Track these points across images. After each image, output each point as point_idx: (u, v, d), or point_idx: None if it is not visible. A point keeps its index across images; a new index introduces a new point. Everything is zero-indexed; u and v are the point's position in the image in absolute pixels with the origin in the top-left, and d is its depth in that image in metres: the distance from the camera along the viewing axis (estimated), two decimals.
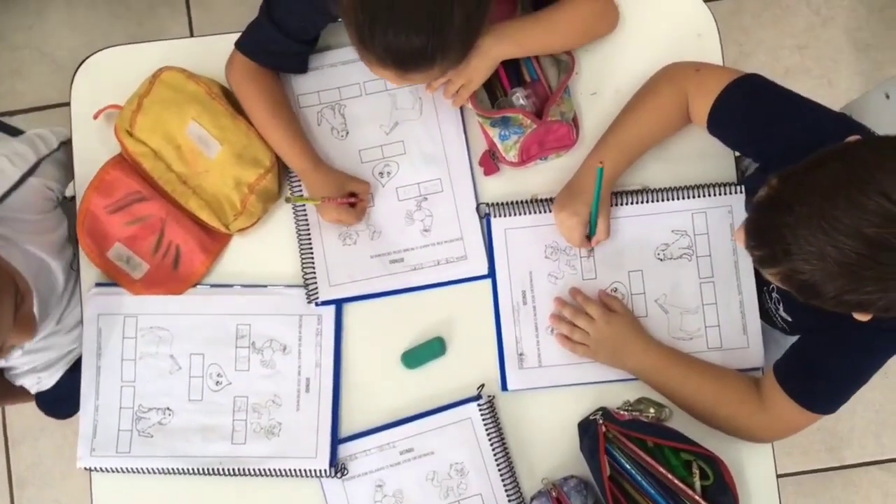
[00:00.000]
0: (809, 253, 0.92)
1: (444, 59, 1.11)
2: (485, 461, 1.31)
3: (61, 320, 1.43)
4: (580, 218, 1.28)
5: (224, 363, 1.35)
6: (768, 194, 0.98)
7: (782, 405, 1.22)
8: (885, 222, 0.88)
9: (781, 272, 0.97)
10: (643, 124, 1.29)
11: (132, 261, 1.37)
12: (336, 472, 1.32)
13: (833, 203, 0.90)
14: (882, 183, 0.88)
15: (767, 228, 0.97)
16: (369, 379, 1.36)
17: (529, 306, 1.35)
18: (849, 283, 0.92)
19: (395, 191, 1.37)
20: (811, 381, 1.20)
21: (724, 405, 1.27)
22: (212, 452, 1.33)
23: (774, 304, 1.31)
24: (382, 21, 1.06)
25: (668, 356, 1.30)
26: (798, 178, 0.95)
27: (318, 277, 1.35)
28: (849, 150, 0.95)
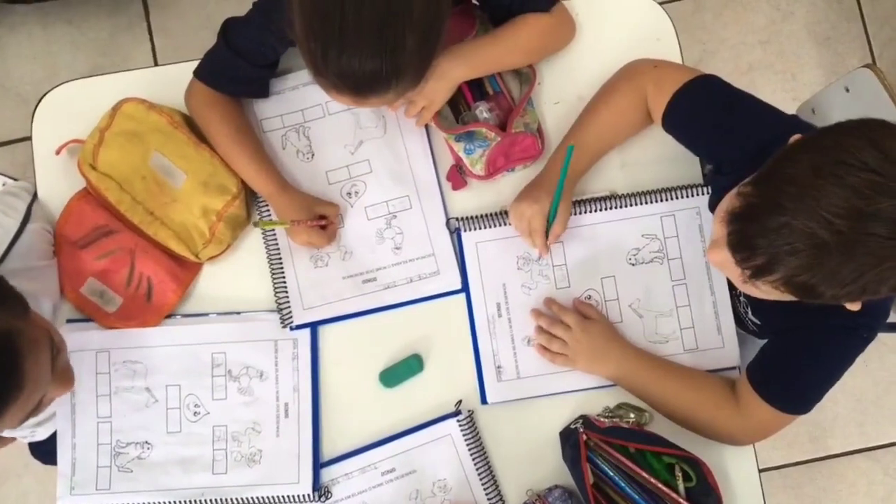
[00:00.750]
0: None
1: (400, 82, 1.11)
2: (467, 476, 1.31)
3: None
4: (540, 206, 1.26)
5: (201, 393, 1.34)
6: (748, 202, 0.97)
7: (757, 408, 1.22)
8: (874, 194, 0.88)
9: (778, 278, 0.96)
10: (603, 124, 1.30)
11: (106, 295, 1.35)
12: (320, 496, 1.31)
13: (821, 187, 0.90)
14: (860, 155, 0.89)
15: (759, 235, 0.94)
16: (348, 401, 1.35)
17: (504, 318, 1.35)
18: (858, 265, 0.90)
19: (363, 210, 1.37)
20: (784, 382, 1.21)
21: (702, 409, 1.27)
22: (193, 484, 1.32)
23: (744, 308, 1.32)
24: (334, 47, 1.06)
25: (646, 361, 1.30)
26: (774, 178, 0.95)
27: (292, 301, 1.34)
28: (813, 140, 0.95)
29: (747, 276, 0.98)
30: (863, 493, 2.29)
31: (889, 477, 2.29)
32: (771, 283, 0.97)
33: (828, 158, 0.91)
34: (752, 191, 0.97)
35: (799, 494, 2.29)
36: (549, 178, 1.29)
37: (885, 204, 0.88)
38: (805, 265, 0.92)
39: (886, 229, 0.88)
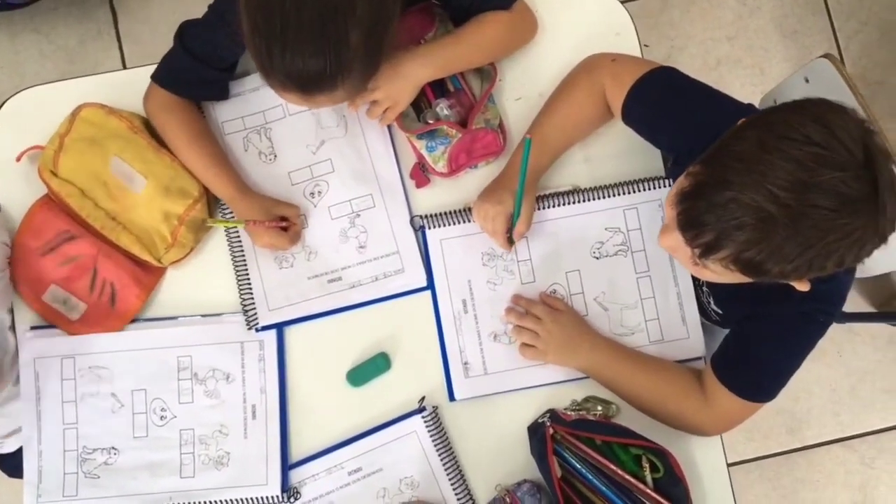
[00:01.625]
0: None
1: (346, 80, 1.11)
2: (434, 473, 1.31)
3: (18, 381, 1.39)
4: (503, 207, 1.27)
5: (167, 397, 1.33)
6: (696, 181, 0.98)
7: (723, 398, 1.23)
8: (829, 168, 0.89)
9: (725, 257, 0.97)
10: (563, 118, 1.30)
11: (69, 302, 1.35)
12: (289, 497, 1.30)
13: (767, 161, 0.91)
14: (804, 130, 0.90)
15: (707, 211, 0.95)
16: (316, 401, 1.35)
17: (471, 315, 1.35)
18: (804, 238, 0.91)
19: (327, 210, 1.37)
20: (746, 371, 1.22)
21: (670, 400, 1.28)
22: (161, 488, 1.31)
23: (706, 298, 1.33)
24: (277, 45, 1.06)
25: (616, 351, 1.31)
26: (721, 156, 0.97)
27: (257, 303, 1.34)
28: (759, 118, 0.97)
29: (697, 256, 1.00)
30: (840, 483, 2.30)
31: (865, 466, 2.31)
32: (720, 261, 0.98)
33: (773, 134, 0.93)
34: (700, 169, 0.98)
35: (777, 486, 2.30)
36: (510, 176, 1.30)
37: (828, 176, 0.89)
38: (752, 239, 0.93)
39: (829, 201, 0.89)
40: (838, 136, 0.90)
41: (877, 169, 0.90)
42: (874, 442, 2.31)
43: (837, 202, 0.89)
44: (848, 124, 0.91)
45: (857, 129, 0.91)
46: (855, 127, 0.92)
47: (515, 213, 1.28)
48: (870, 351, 2.34)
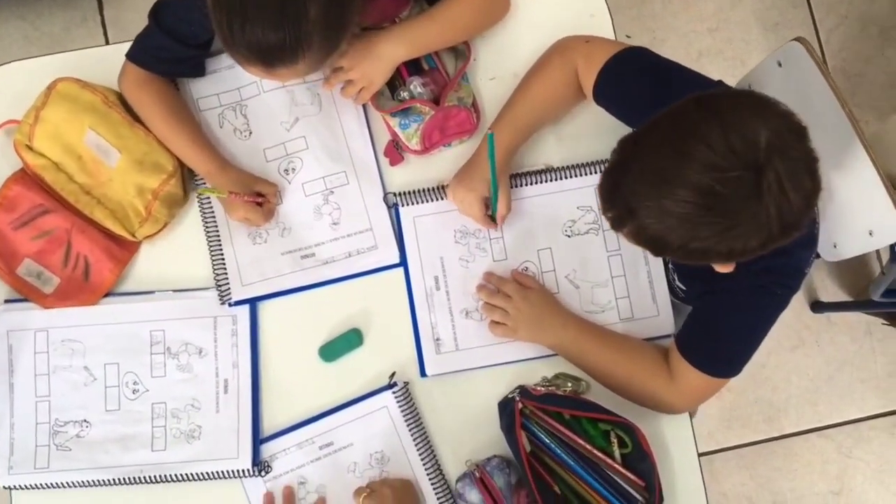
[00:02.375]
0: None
1: (307, 53, 1.11)
2: (405, 448, 1.32)
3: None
4: (476, 193, 1.30)
5: (140, 371, 1.34)
6: (612, 159, 1.03)
7: (688, 374, 1.24)
8: (708, 169, 0.91)
9: (630, 230, 1.01)
10: (535, 98, 1.32)
11: (43, 276, 1.35)
12: (259, 471, 1.31)
13: (663, 157, 0.95)
14: (703, 133, 0.92)
15: (612, 190, 1.01)
16: (288, 376, 1.36)
17: (443, 291, 1.36)
18: (688, 232, 0.95)
19: (301, 186, 1.38)
20: (708, 346, 1.23)
21: (637, 377, 1.29)
22: (132, 461, 1.32)
23: (672, 274, 1.34)
24: (237, 18, 1.07)
25: (585, 329, 1.32)
26: (633, 140, 1.01)
27: (230, 278, 1.35)
28: (677, 109, 0.98)
29: (611, 228, 1.04)
30: (817, 472, 2.32)
31: (843, 455, 2.32)
32: (626, 236, 1.03)
33: (678, 128, 0.96)
34: (616, 148, 1.02)
35: (754, 475, 2.32)
36: (479, 163, 1.32)
37: (707, 175, 0.91)
38: (643, 225, 0.98)
39: (704, 199, 0.92)
40: (729, 138, 0.91)
41: (765, 171, 0.90)
42: (851, 431, 2.33)
43: (713, 200, 0.92)
44: (751, 123, 0.92)
45: (763, 128, 0.92)
46: (761, 125, 0.92)
47: (493, 199, 1.29)
48: (847, 341, 2.36)
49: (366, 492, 1.25)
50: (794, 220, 0.95)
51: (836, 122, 1.39)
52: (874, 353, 2.34)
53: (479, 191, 1.30)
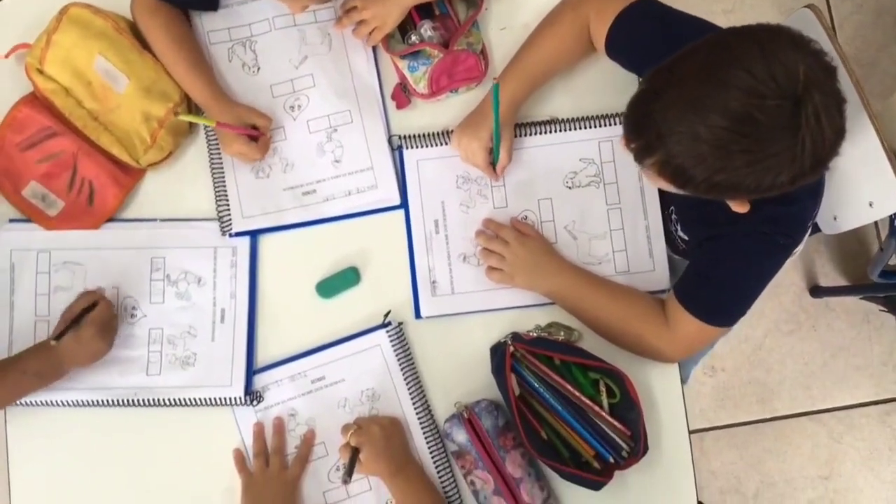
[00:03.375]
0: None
1: None
2: (396, 387, 1.33)
3: None
4: (481, 142, 1.31)
5: (139, 296, 1.35)
6: (640, 89, 1.02)
7: (684, 322, 1.25)
8: (748, 96, 0.91)
9: (657, 160, 1.00)
10: (544, 50, 1.32)
11: (48, 198, 1.37)
12: (251, 400, 1.32)
13: (700, 83, 0.94)
14: (744, 60, 0.92)
15: (641, 118, 1.00)
16: (284, 310, 1.37)
17: (442, 235, 1.37)
18: (719, 161, 0.95)
19: (306, 124, 1.39)
20: (708, 294, 1.24)
21: (632, 325, 1.30)
22: (127, 384, 1.33)
23: (674, 225, 1.35)
24: None
25: (581, 277, 1.33)
26: (667, 68, 1.00)
27: (232, 209, 1.36)
28: (715, 38, 0.99)
29: (634, 160, 1.04)
30: (807, 456, 2.33)
31: (833, 441, 2.33)
32: (651, 168, 1.02)
33: (715, 56, 0.95)
34: (648, 77, 1.02)
35: (744, 454, 2.33)
36: (485, 112, 1.32)
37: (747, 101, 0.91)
38: (674, 152, 0.97)
39: (743, 127, 0.92)
40: (771, 66, 0.91)
41: (805, 103, 0.91)
42: (843, 417, 2.34)
43: (750, 128, 0.92)
44: (790, 55, 0.92)
45: (801, 62, 0.92)
46: (799, 58, 0.92)
47: (496, 148, 1.30)
48: (845, 327, 2.36)
49: (353, 428, 1.26)
50: (824, 156, 0.95)
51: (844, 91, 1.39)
52: (870, 340, 2.35)
53: (483, 139, 1.31)
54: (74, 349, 1.26)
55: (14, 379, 1.26)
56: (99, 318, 1.28)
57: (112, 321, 1.31)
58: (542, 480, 1.30)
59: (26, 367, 1.27)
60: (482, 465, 1.28)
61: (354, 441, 1.23)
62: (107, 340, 1.29)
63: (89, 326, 1.26)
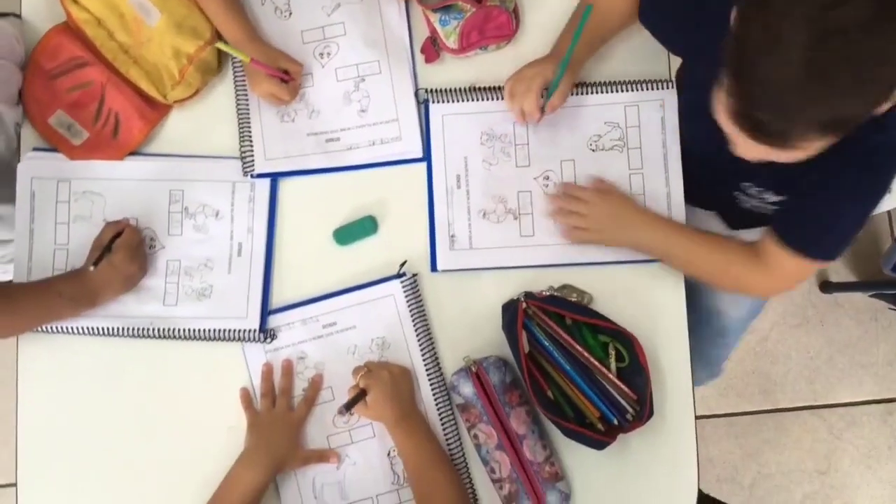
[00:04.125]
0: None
1: None
2: (406, 337, 1.34)
3: None
4: (541, 78, 1.28)
5: (157, 228, 1.36)
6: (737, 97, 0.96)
7: (783, 260, 1.23)
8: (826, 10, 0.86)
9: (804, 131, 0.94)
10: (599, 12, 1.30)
11: (73, 128, 1.38)
12: (265, 337, 1.33)
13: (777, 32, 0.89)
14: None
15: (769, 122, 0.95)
16: (300, 254, 1.38)
17: (463, 190, 1.38)
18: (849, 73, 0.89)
19: (334, 71, 1.39)
20: (812, 229, 1.21)
21: (727, 270, 1.30)
22: (144, 313, 1.34)
23: (759, 200, 1.31)
24: None
25: (669, 227, 1.33)
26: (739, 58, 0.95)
27: (255, 150, 1.37)
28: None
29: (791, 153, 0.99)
30: (806, 449, 2.33)
31: (833, 436, 2.33)
32: (806, 140, 0.97)
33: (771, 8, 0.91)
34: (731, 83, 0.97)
35: (743, 444, 2.33)
36: (558, 49, 1.32)
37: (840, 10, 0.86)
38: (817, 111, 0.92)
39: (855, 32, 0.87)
40: None
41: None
42: (844, 414, 2.34)
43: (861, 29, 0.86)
44: None
45: None
46: None
47: (554, 83, 1.28)
48: (853, 325, 2.36)
49: (364, 370, 1.27)
50: None
51: None
52: (877, 339, 2.35)
53: (546, 75, 1.28)
54: (109, 275, 1.28)
55: (50, 300, 1.28)
56: (127, 242, 1.29)
57: (140, 246, 1.33)
58: (545, 439, 1.31)
59: (62, 290, 1.28)
60: (486, 420, 1.28)
61: (363, 382, 1.24)
62: (138, 264, 1.31)
63: (119, 251, 1.28)
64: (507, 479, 1.28)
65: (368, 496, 1.31)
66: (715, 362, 1.71)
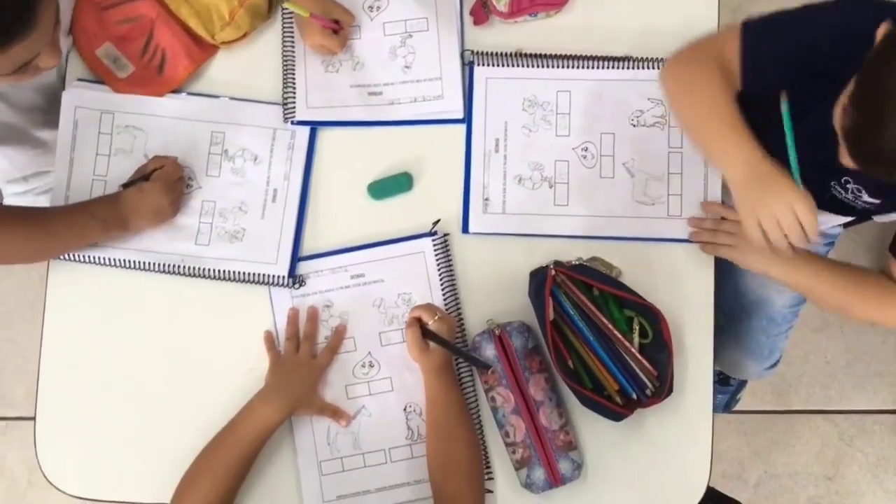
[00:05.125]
0: None
1: None
2: (432, 295, 1.34)
3: None
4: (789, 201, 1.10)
5: (196, 167, 1.37)
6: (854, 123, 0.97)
7: None
8: None
9: None
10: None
11: (119, 61, 1.38)
12: (294, 282, 1.34)
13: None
14: None
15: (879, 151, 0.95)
16: (334, 205, 1.38)
17: (500, 154, 1.38)
18: None
19: (382, 25, 1.39)
20: None
21: (865, 303, 1.28)
22: (176, 251, 1.35)
23: (853, 196, 1.28)
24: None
25: (814, 257, 1.29)
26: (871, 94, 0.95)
27: (297, 97, 1.37)
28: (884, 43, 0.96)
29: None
30: (814, 454, 2.32)
31: (843, 442, 2.32)
32: None
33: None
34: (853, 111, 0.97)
35: (751, 442, 2.32)
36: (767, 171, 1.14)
37: None
38: None
39: None
40: None
41: None
42: (857, 421, 2.33)
43: None
44: None
45: None
46: None
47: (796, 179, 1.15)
48: (873, 334, 2.34)
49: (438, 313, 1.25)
50: None
51: None
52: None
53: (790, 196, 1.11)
54: (139, 200, 1.29)
55: (82, 221, 1.29)
56: (165, 174, 1.30)
57: (178, 183, 1.33)
58: (562, 407, 1.31)
59: (94, 211, 1.30)
60: (505, 383, 1.29)
61: (435, 326, 1.24)
62: (170, 199, 1.31)
63: (155, 181, 1.29)
64: (521, 444, 1.28)
65: (381, 448, 1.32)
66: (768, 354, 1.67)
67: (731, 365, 1.73)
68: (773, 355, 1.70)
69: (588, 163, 1.37)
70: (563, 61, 1.38)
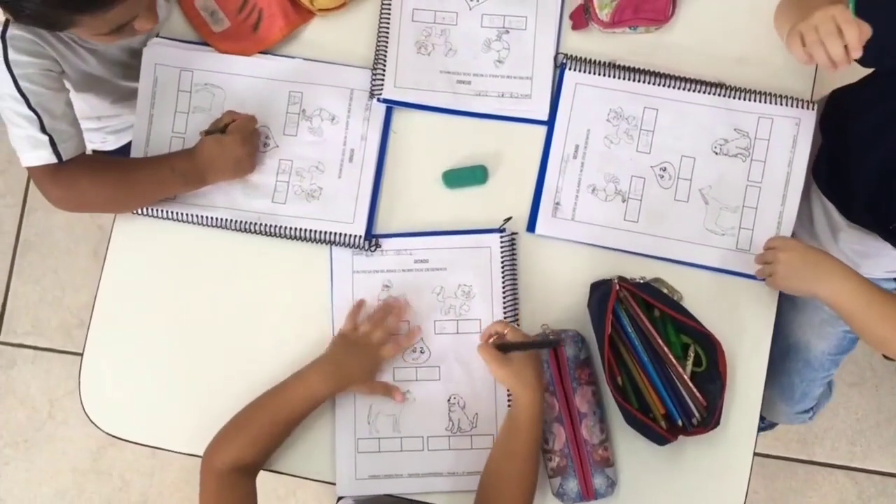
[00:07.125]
0: None
1: None
2: (492, 291, 1.34)
3: None
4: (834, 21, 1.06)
5: (274, 126, 1.38)
6: None
7: None
8: None
9: None
10: None
11: (216, 15, 1.39)
12: (370, 245, 1.34)
13: None
14: None
15: None
16: (407, 185, 1.38)
17: (578, 161, 1.37)
18: None
19: (480, 16, 1.39)
20: None
21: None
22: (252, 208, 1.35)
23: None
24: None
25: (865, 282, 1.22)
26: None
27: (387, 75, 1.37)
28: None
29: None
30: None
31: (861, 501, 2.29)
32: None
33: None
34: None
35: (769, 486, 2.30)
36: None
37: None
38: None
39: None
40: None
41: None
42: (879, 482, 2.30)
43: None
44: None
45: None
46: None
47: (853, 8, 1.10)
48: None
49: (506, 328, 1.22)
50: None
51: None
52: None
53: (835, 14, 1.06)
54: (218, 153, 1.30)
55: (163, 174, 1.30)
56: (241, 126, 1.31)
57: (254, 135, 1.34)
58: (604, 423, 1.31)
59: (174, 165, 1.31)
60: (552, 390, 1.28)
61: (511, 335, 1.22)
62: (247, 150, 1.32)
63: (232, 133, 1.30)
64: (559, 453, 1.28)
65: (420, 435, 1.32)
66: (800, 397, 1.64)
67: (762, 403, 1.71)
68: (804, 400, 1.68)
69: (665, 183, 1.36)
70: (655, 78, 1.37)
